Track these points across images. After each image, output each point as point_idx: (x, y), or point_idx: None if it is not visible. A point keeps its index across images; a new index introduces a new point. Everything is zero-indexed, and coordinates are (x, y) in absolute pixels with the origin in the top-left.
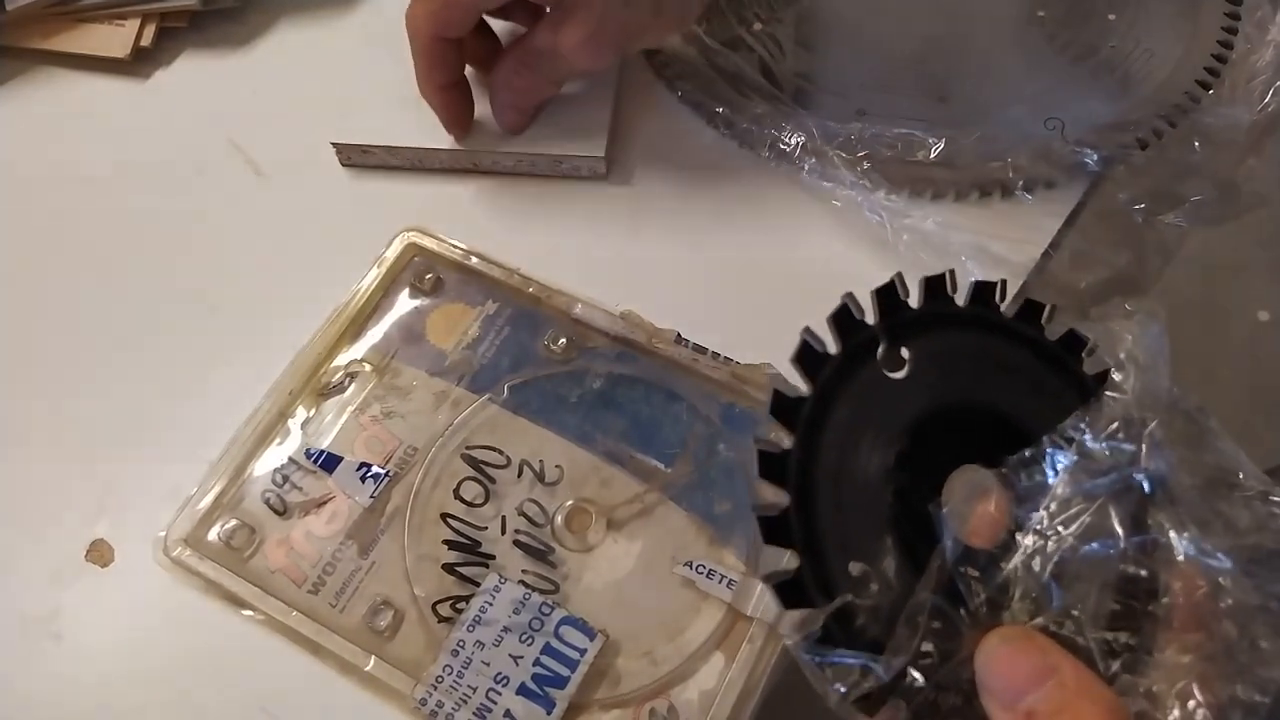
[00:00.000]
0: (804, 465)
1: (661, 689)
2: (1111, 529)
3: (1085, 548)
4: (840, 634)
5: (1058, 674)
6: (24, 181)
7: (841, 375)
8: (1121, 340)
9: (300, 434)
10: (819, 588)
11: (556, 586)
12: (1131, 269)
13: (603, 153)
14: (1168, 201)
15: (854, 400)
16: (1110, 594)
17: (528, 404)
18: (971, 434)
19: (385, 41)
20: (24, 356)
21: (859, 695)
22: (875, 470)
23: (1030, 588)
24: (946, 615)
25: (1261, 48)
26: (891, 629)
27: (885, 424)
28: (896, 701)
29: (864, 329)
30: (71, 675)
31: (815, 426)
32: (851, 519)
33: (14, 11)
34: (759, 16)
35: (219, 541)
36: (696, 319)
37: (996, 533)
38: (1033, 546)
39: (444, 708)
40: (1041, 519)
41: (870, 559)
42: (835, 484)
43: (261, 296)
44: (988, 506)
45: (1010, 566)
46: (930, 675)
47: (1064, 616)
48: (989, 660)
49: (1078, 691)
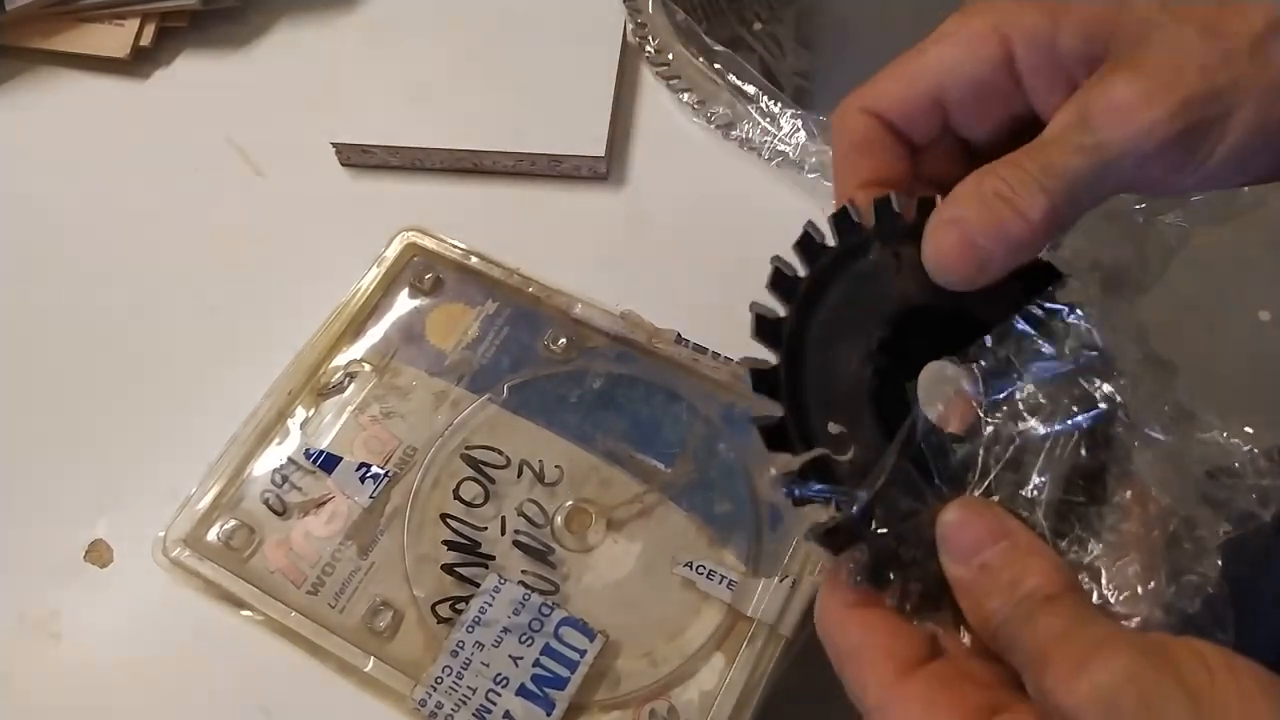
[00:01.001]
0: (796, 332)
1: (662, 690)
2: (1069, 415)
3: (1042, 431)
4: (817, 481)
5: (1011, 536)
6: (23, 181)
7: (836, 266)
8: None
9: (299, 434)
10: (800, 439)
11: (556, 587)
12: (1133, 268)
13: (603, 153)
14: (1169, 201)
15: (845, 288)
16: (1063, 479)
17: (527, 404)
18: (950, 333)
19: (385, 41)
20: (23, 356)
21: (826, 530)
22: (859, 350)
23: (990, 468)
24: (912, 480)
25: None
26: (863, 485)
27: (872, 312)
28: (860, 547)
29: (860, 230)
30: (70, 675)
31: (808, 303)
32: (835, 387)
33: (14, 11)
34: (759, 16)
35: (218, 542)
36: (696, 319)
37: (965, 419)
38: (995, 431)
39: (443, 709)
40: (1005, 407)
41: (849, 424)
42: (823, 354)
43: (261, 296)
44: (959, 394)
45: (973, 447)
46: (893, 526)
47: (1017, 498)
48: (950, 522)
49: (1028, 550)
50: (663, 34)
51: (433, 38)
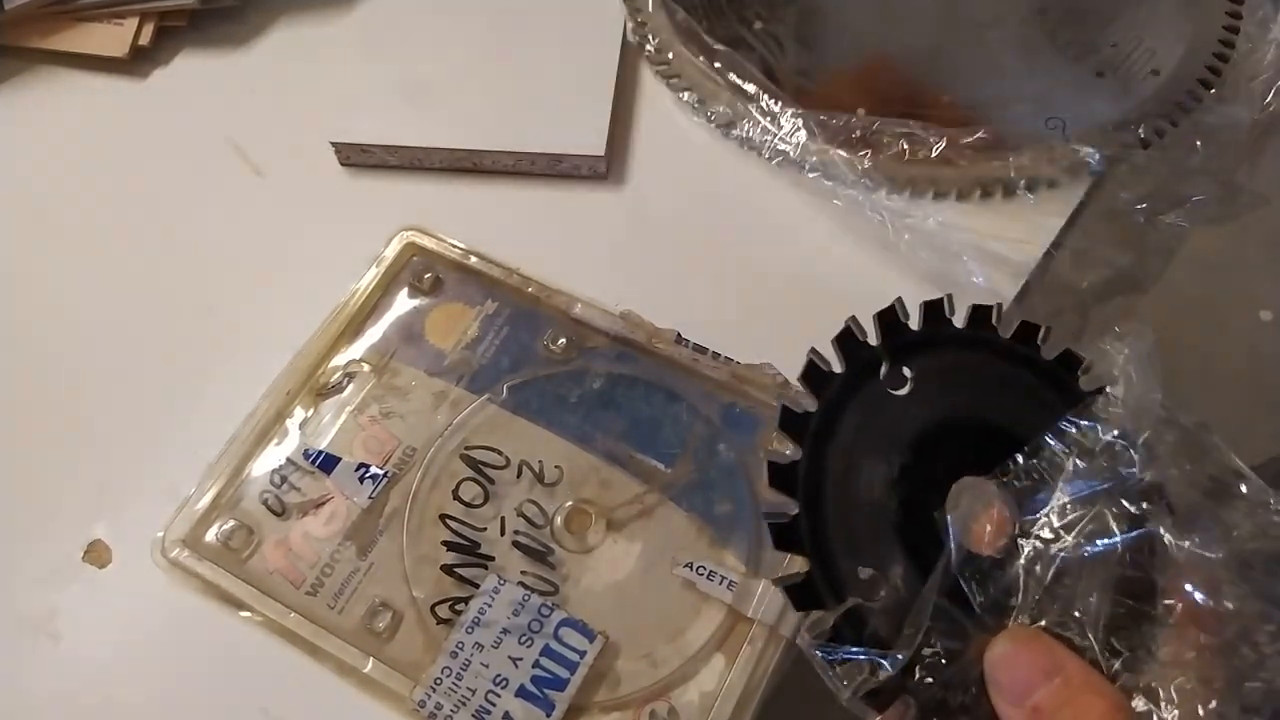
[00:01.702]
0: (812, 475)
1: (662, 691)
2: (1110, 532)
3: (1085, 551)
4: (850, 635)
5: (1063, 671)
6: (22, 180)
7: (846, 392)
8: (1114, 359)
9: (298, 434)
10: (829, 591)
11: (556, 588)
12: (1133, 268)
13: (603, 152)
14: (1169, 201)
15: (859, 415)
16: (1110, 596)
17: (527, 404)
18: (972, 448)
19: (384, 40)
20: (22, 356)
21: (868, 690)
22: (880, 481)
23: (1033, 591)
24: (952, 617)
25: (1263, 47)
26: (900, 631)
27: (889, 437)
28: (906, 699)
29: (867, 349)
30: (69, 675)
31: (822, 439)
32: (859, 526)
33: (13, 10)
34: (760, 15)
35: (217, 542)
36: (696, 319)
37: (999, 539)
38: (1034, 551)
39: (443, 710)
40: (1042, 525)
41: (878, 564)
42: (842, 493)
43: (260, 296)
44: (990, 514)
45: (1013, 571)
46: (937, 674)
47: (1066, 618)
48: (998, 658)
49: (1082, 687)
50: (663, 33)
51: (432, 37)
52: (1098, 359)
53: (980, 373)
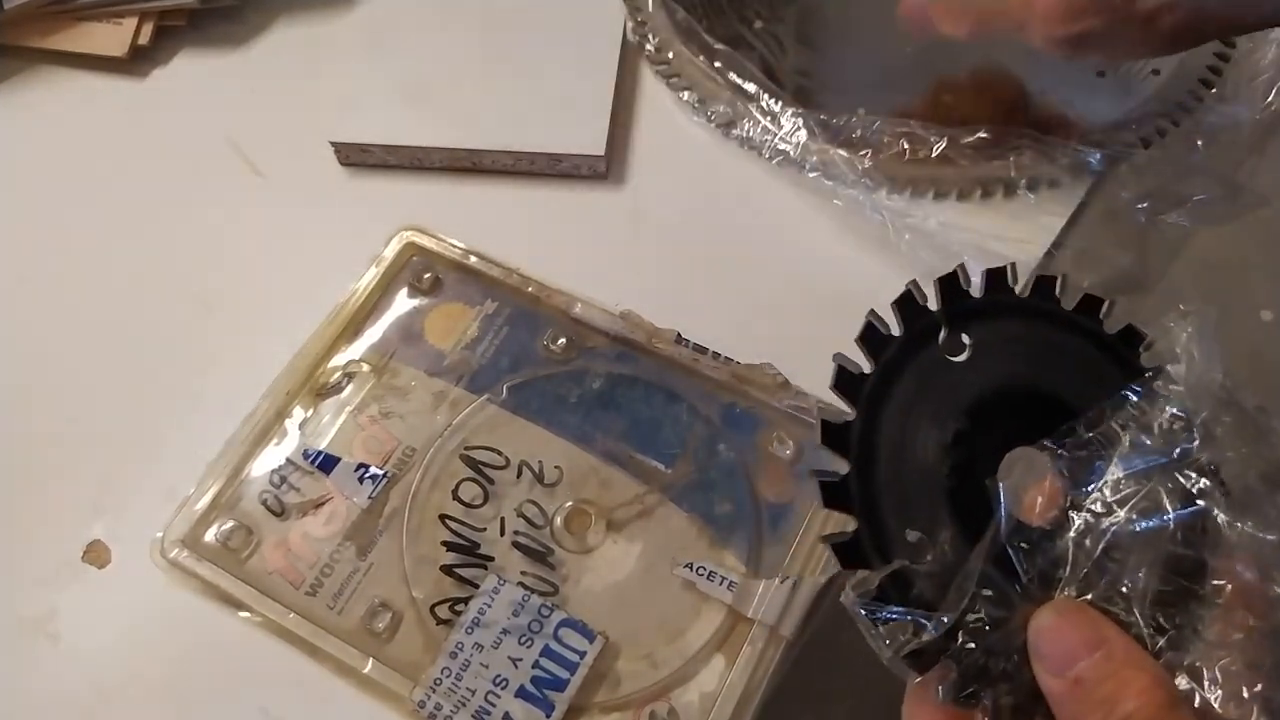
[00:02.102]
0: (865, 435)
1: (662, 691)
2: (1163, 509)
3: (1136, 526)
4: (896, 596)
5: (1107, 645)
6: (21, 180)
7: (904, 355)
8: (1176, 336)
9: (298, 434)
10: (875, 551)
11: (556, 588)
12: (1134, 268)
13: (602, 152)
14: (1171, 200)
15: (915, 379)
16: (1159, 573)
17: (527, 404)
18: (1028, 418)
19: (384, 40)
20: (21, 356)
21: (910, 651)
22: (933, 446)
23: (1081, 564)
24: (998, 585)
25: (1264, 46)
26: (945, 595)
27: (944, 403)
28: (948, 662)
29: (927, 314)
30: (68, 676)
31: (876, 401)
32: (909, 489)
33: (12, 10)
34: (760, 15)
35: (216, 542)
36: (696, 319)
37: (1050, 510)
38: (1085, 524)
39: (442, 710)
40: (1095, 498)
41: (926, 528)
42: (894, 455)
43: (259, 296)
44: (1043, 484)
45: (1062, 543)
46: (980, 640)
47: (1113, 593)
48: (1042, 629)
49: (1125, 662)
50: (663, 32)
51: (432, 36)
52: (1160, 336)
53: (1040, 343)
